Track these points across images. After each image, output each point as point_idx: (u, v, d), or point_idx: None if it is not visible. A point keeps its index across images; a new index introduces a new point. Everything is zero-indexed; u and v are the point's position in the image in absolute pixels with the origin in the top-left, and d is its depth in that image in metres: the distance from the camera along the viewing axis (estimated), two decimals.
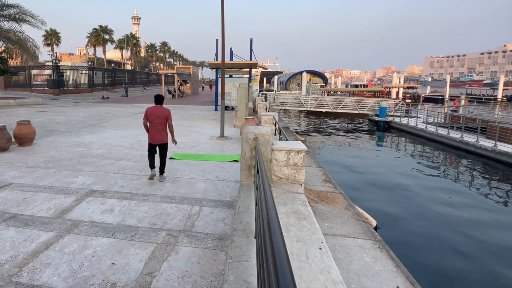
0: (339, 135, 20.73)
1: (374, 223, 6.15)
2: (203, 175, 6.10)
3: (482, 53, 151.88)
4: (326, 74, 70.08)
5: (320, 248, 2.86)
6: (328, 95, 43.17)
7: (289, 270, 1.02)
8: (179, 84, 35.53)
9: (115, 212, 4.32)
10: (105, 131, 11.27)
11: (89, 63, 52.94)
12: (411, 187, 10.25)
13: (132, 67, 76.51)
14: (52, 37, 57.07)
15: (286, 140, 6.78)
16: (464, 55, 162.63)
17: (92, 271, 2.99)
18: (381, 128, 22.07)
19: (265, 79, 63.31)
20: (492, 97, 44.06)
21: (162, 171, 5.71)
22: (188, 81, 39.04)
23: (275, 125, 9.74)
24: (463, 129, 15.24)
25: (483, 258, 6.12)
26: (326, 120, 27.09)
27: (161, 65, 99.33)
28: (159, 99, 5.63)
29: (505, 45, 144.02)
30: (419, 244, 6.53)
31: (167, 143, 5.67)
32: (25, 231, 3.74)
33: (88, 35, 62.30)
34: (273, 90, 41.40)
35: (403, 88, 48.15)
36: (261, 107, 14.65)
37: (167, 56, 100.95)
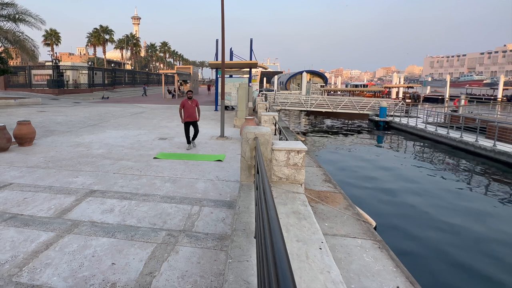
0: (339, 135, 20.74)
1: (373, 224, 6.15)
2: (203, 175, 6.10)
3: (482, 53, 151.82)
4: (326, 74, 70.00)
5: (320, 248, 2.87)
6: (328, 95, 43.14)
7: (289, 270, 1.02)
8: (179, 84, 35.54)
9: (115, 212, 4.32)
10: (105, 131, 11.27)
11: (89, 63, 52.92)
12: (411, 187, 10.26)
13: (132, 67, 76.47)
14: (52, 37, 57.07)
15: (286, 140, 6.78)
16: (464, 55, 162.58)
17: (92, 271, 2.99)
18: (381, 128, 22.07)
19: (265, 79, 63.25)
20: (492, 97, 44.04)
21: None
22: (188, 81, 39.05)
23: (275, 125, 9.74)
24: (463, 129, 15.26)
25: (483, 257, 6.12)
26: (326, 120, 27.09)
27: (161, 65, 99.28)
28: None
29: (505, 45, 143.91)
30: (419, 245, 6.53)
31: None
32: (25, 231, 3.74)
33: (89, 35, 62.28)
34: (273, 90, 41.37)
35: (403, 88, 48.11)
36: (261, 107, 14.65)
37: (167, 56, 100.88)
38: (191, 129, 8.73)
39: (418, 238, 6.78)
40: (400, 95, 44.78)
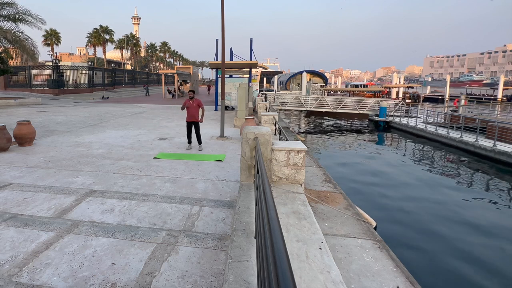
0: (339, 135, 20.74)
1: (373, 223, 6.15)
2: (203, 175, 6.10)
3: (482, 53, 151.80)
4: (326, 74, 70.00)
5: (320, 248, 2.87)
6: (328, 95, 43.13)
7: (289, 270, 1.02)
8: (179, 84, 35.54)
9: (115, 212, 4.32)
10: (105, 131, 11.27)
11: (89, 63, 52.90)
12: (411, 187, 10.26)
13: (132, 67, 76.49)
14: (52, 37, 57.03)
15: (286, 140, 6.78)
16: (464, 55, 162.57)
17: (92, 271, 2.99)
18: (381, 128, 22.08)
19: (265, 79, 63.27)
20: (492, 97, 44.04)
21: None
22: (188, 81, 39.06)
23: (275, 125, 9.74)
24: (463, 129, 15.26)
25: (483, 257, 6.12)
26: (326, 120, 27.09)
27: (161, 65, 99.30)
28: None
29: (505, 45, 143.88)
30: (419, 245, 6.53)
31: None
32: (25, 231, 3.74)
33: (89, 35, 62.29)
34: (273, 90, 41.37)
35: (403, 88, 48.13)
36: (261, 107, 14.65)
37: (167, 56, 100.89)
38: (193, 130, 8.68)
39: (418, 238, 6.78)
40: (400, 95, 44.80)
